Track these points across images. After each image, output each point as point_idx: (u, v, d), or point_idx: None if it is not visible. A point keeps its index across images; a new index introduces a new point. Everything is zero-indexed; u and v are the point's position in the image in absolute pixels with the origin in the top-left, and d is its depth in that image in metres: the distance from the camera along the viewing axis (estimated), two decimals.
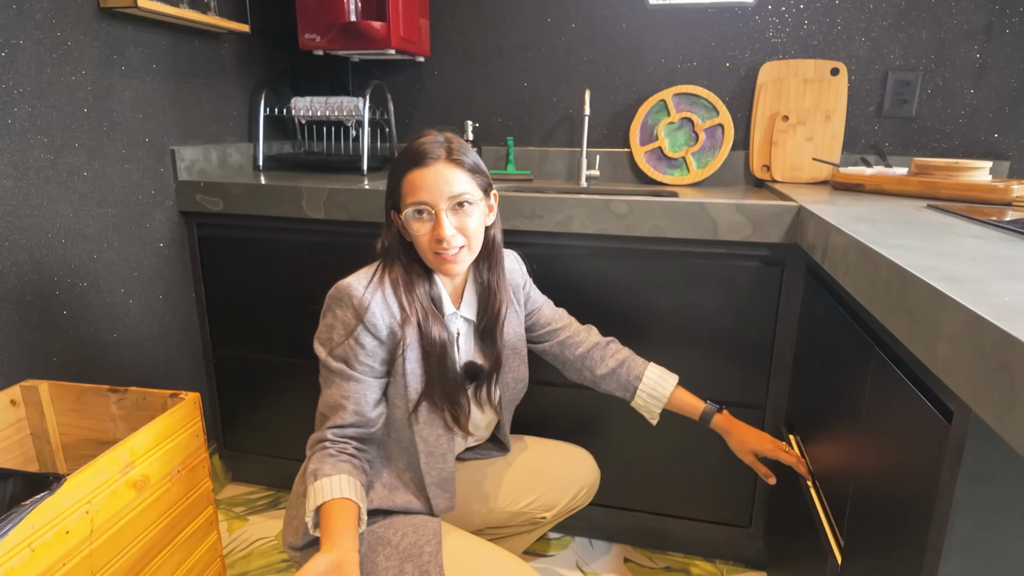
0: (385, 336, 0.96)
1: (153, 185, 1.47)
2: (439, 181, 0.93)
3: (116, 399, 1.16)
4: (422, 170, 0.93)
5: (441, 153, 0.94)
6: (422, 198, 0.93)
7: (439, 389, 1.00)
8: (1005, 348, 0.44)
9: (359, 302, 0.94)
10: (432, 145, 0.95)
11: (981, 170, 1.28)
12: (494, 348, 1.08)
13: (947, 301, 0.53)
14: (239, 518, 1.63)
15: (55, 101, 1.21)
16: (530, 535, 1.29)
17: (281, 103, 1.86)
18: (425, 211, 0.94)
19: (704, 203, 1.24)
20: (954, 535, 0.55)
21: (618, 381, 1.17)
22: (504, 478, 1.21)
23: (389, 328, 0.96)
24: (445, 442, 1.03)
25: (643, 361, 1.18)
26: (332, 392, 0.96)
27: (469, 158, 0.97)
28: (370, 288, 0.96)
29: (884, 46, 1.58)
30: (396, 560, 0.95)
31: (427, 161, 0.93)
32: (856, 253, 0.81)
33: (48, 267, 1.22)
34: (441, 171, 0.93)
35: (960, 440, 0.54)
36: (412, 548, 0.96)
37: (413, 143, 0.96)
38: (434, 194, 0.93)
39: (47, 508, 0.83)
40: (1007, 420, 0.43)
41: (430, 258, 0.97)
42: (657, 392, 1.16)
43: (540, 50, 1.79)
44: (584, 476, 1.25)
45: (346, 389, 0.96)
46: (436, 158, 0.94)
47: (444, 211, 0.93)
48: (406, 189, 0.94)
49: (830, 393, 0.99)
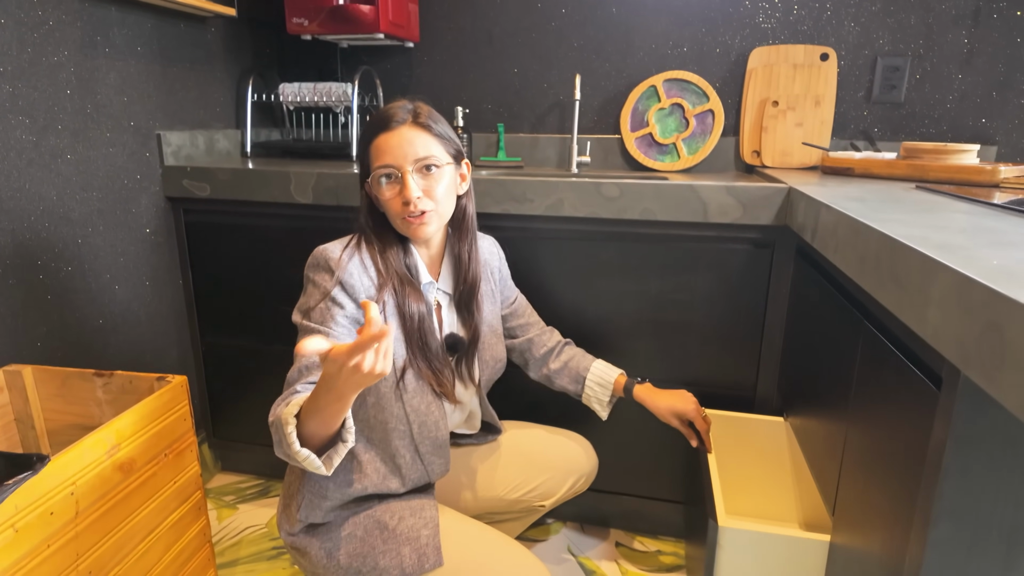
0: (362, 299, 0.94)
1: (139, 170, 1.45)
2: (403, 143, 0.92)
3: (102, 383, 1.14)
4: (387, 134, 0.93)
5: (407, 117, 0.94)
6: (387, 161, 0.93)
7: (422, 357, 0.99)
8: (994, 307, 0.44)
9: (335, 263, 0.93)
10: (398, 110, 0.94)
11: (969, 153, 1.29)
12: (472, 321, 1.08)
13: (937, 267, 0.53)
14: (229, 507, 1.62)
15: (37, 82, 1.19)
16: (524, 522, 1.29)
17: (269, 89, 1.84)
18: (392, 174, 0.93)
19: (694, 185, 1.24)
20: (943, 501, 0.55)
21: (570, 375, 1.21)
22: (503, 466, 1.21)
23: (367, 291, 0.94)
24: (436, 409, 1.01)
25: (592, 357, 1.23)
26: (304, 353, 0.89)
27: (437, 124, 0.96)
28: (347, 251, 0.95)
29: (873, 31, 1.58)
30: (394, 544, 0.95)
31: (392, 124, 0.93)
32: (846, 229, 0.81)
33: (31, 251, 1.20)
34: (406, 134, 0.93)
35: (949, 405, 0.54)
36: (410, 532, 0.96)
37: (380, 110, 0.96)
38: (399, 156, 0.92)
39: (30, 488, 0.82)
40: (997, 379, 0.43)
41: (399, 224, 0.96)
42: (604, 379, 1.20)
43: (530, 36, 1.78)
44: (583, 465, 1.25)
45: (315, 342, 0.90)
46: (401, 122, 0.93)
47: (410, 173, 0.93)
48: (373, 154, 0.94)
49: (820, 371, 0.99)
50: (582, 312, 1.38)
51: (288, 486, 1.04)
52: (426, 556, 0.94)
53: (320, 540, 0.98)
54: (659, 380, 1.38)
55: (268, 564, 1.41)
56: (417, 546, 0.95)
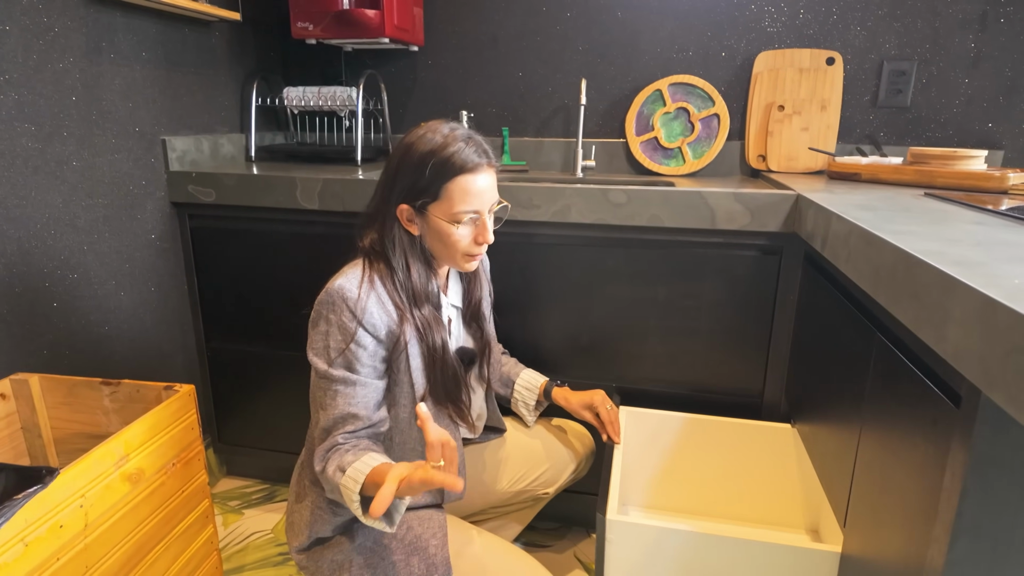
0: (384, 336, 0.95)
1: (144, 175, 1.44)
2: (487, 189, 0.95)
3: (109, 392, 1.14)
4: (473, 176, 0.93)
5: (484, 160, 0.95)
6: (475, 206, 0.94)
7: (441, 383, 1.00)
8: (1020, 330, 0.43)
9: (355, 304, 0.92)
10: (472, 152, 0.93)
11: (977, 159, 1.28)
12: (482, 330, 1.11)
13: (957, 285, 0.53)
14: (234, 512, 1.62)
15: (42, 89, 1.18)
16: (531, 510, 1.30)
17: (273, 93, 1.84)
18: (476, 217, 0.95)
19: (702, 192, 1.24)
20: (962, 519, 0.55)
21: (502, 379, 1.26)
22: (505, 460, 1.22)
23: (387, 328, 0.95)
24: (452, 433, 1.02)
25: (523, 366, 1.29)
26: (337, 404, 0.92)
27: (493, 156, 0.99)
28: (363, 288, 0.94)
29: (879, 35, 1.58)
30: (402, 554, 0.95)
31: (478, 169, 0.94)
32: (858, 240, 0.81)
33: (37, 259, 1.20)
34: (488, 179, 0.95)
35: (969, 424, 0.54)
36: (418, 541, 0.96)
37: (449, 147, 0.92)
38: (485, 201, 0.95)
39: (40, 502, 0.82)
40: (1022, 402, 0.43)
41: (459, 258, 0.98)
42: (531, 384, 1.24)
43: (535, 39, 1.77)
44: (582, 449, 1.28)
45: (351, 396, 0.93)
46: (483, 165, 0.94)
47: (488, 217, 0.97)
48: (455, 195, 0.93)
49: (830, 381, 0.99)
50: (588, 319, 1.38)
51: (296, 499, 1.04)
52: (435, 566, 0.94)
53: (331, 552, 0.98)
54: (665, 385, 1.38)
55: (275, 570, 1.41)
56: (426, 556, 0.95)
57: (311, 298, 0.95)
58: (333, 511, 0.97)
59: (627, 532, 0.95)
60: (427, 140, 0.93)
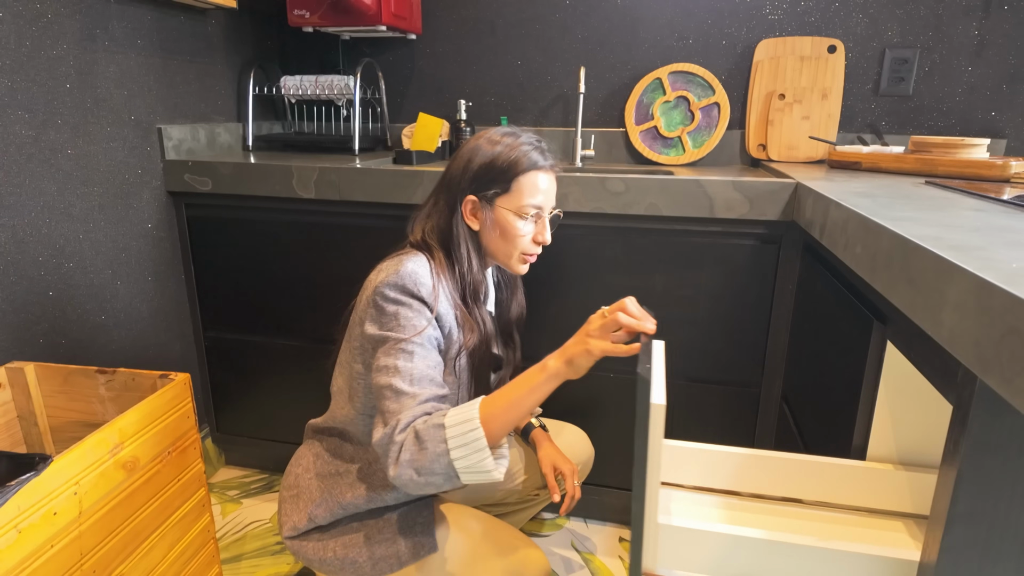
0: (447, 331, 0.94)
1: (140, 164, 1.44)
2: (551, 188, 0.98)
3: (104, 380, 1.14)
4: (544, 174, 0.97)
5: (551, 163, 0.98)
6: (541, 201, 0.96)
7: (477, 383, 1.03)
8: (1015, 312, 0.43)
9: (429, 292, 0.90)
10: (544, 152, 0.97)
11: (979, 147, 1.27)
12: (513, 339, 1.13)
13: (953, 269, 0.52)
14: (233, 501, 1.62)
15: (36, 76, 1.17)
16: (525, 512, 1.29)
17: (270, 82, 1.83)
18: (538, 213, 0.97)
19: (701, 180, 1.23)
20: (957, 505, 0.54)
21: None
22: None
23: (450, 325, 0.94)
24: None
25: None
26: (415, 364, 0.85)
27: (559, 169, 1.01)
28: (434, 278, 0.93)
29: (882, 23, 1.56)
30: (389, 533, 0.97)
31: (546, 169, 0.97)
32: (856, 226, 0.80)
33: (32, 247, 1.20)
34: (552, 180, 0.99)
35: (965, 410, 0.53)
36: (405, 520, 0.98)
37: (524, 144, 0.96)
38: (549, 199, 0.98)
39: (33, 489, 0.81)
40: (1016, 385, 0.42)
41: (515, 256, 0.99)
42: None
43: (534, 27, 1.76)
44: (578, 454, 1.26)
45: (428, 359, 0.87)
46: (549, 167, 0.98)
47: (546, 217, 0.98)
48: (526, 188, 0.95)
49: (828, 369, 0.98)
50: (586, 308, 1.37)
51: (295, 487, 1.04)
52: (421, 544, 0.96)
53: (319, 532, 0.99)
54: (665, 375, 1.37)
55: (272, 559, 1.41)
56: (413, 533, 0.97)
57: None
58: (342, 506, 0.97)
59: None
60: (500, 139, 0.97)
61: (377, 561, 0.96)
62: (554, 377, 0.84)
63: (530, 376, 0.84)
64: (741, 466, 0.84)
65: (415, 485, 0.81)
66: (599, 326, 0.83)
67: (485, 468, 0.79)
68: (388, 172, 1.36)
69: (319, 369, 1.56)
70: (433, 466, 0.79)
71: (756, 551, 0.67)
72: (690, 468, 0.85)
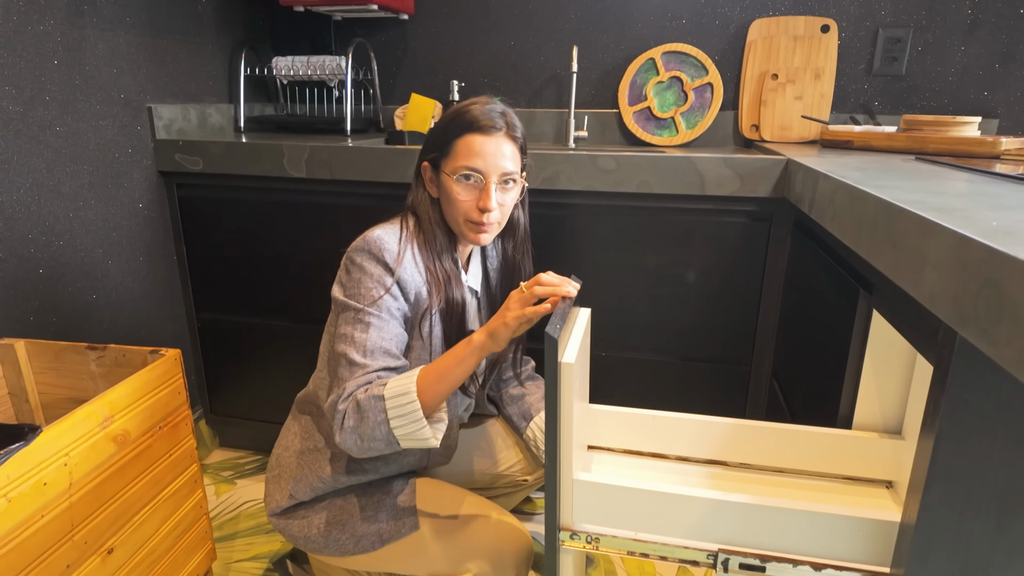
0: (413, 297, 0.94)
1: (130, 143, 1.43)
2: (496, 153, 0.93)
3: (95, 357, 1.14)
4: (483, 137, 0.92)
5: (503, 125, 0.94)
6: (477, 164, 0.92)
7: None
8: (991, 263, 0.43)
9: (392, 258, 0.92)
10: (495, 115, 0.94)
11: (970, 125, 1.27)
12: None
13: (934, 228, 0.52)
14: (227, 482, 1.63)
15: (22, 51, 1.17)
16: (512, 497, 1.30)
17: (262, 63, 1.82)
18: (475, 177, 0.93)
19: (692, 157, 1.23)
20: (937, 463, 0.55)
21: (522, 412, 1.21)
22: (485, 442, 1.22)
23: (416, 290, 0.94)
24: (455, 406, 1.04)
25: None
26: (370, 335, 0.88)
27: (522, 137, 0.97)
28: (402, 245, 0.93)
29: (875, 2, 1.56)
30: (372, 511, 0.98)
31: (490, 130, 0.93)
32: (844, 196, 0.80)
33: (21, 224, 1.19)
34: (500, 144, 0.93)
35: (945, 368, 0.54)
36: (387, 498, 0.99)
37: (472, 106, 0.94)
38: (489, 165, 0.93)
39: (23, 459, 0.82)
40: (992, 335, 0.43)
41: (462, 224, 0.96)
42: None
43: (527, 7, 1.75)
44: None
45: (384, 330, 0.89)
46: (498, 129, 0.93)
47: (493, 183, 0.94)
48: (461, 150, 0.93)
49: (816, 343, 0.99)
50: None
51: (277, 466, 1.05)
52: (403, 521, 0.97)
53: (303, 510, 1.00)
54: (655, 354, 1.38)
55: (266, 537, 1.42)
56: (394, 512, 0.98)
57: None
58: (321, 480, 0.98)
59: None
60: (459, 106, 0.95)
61: (360, 539, 0.97)
62: (478, 349, 0.86)
63: (458, 349, 0.87)
64: (685, 432, 0.87)
65: (359, 450, 0.86)
66: (517, 299, 0.85)
67: (423, 436, 0.84)
68: (379, 150, 1.36)
69: (311, 349, 1.56)
70: (374, 433, 0.84)
71: (673, 506, 0.69)
72: (622, 432, 0.88)
